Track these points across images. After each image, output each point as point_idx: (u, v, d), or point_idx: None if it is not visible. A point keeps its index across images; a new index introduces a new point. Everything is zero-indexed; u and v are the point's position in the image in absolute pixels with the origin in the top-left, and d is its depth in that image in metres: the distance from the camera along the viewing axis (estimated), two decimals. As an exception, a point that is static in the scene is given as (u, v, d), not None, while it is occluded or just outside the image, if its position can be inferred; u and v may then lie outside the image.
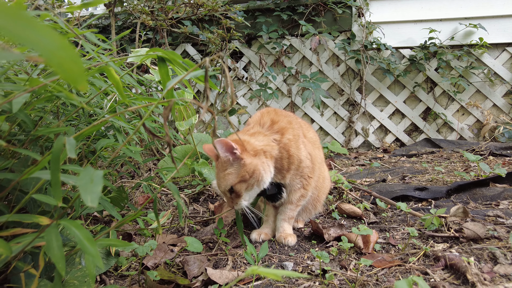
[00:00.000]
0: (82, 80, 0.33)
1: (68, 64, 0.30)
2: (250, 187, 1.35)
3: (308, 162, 1.52)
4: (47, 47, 0.28)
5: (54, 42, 0.28)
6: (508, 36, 3.61)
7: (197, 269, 1.30)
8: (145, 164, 2.80)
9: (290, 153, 1.46)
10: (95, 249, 0.63)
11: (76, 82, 0.33)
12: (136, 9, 3.14)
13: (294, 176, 1.52)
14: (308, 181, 1.55)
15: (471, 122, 3.77)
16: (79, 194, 0.71)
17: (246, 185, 1.34)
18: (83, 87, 0.35)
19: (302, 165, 1.50)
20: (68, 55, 0.30)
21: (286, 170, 1.48)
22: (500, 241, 1.31)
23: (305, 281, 1.19)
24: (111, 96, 1.40)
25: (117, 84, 0.78)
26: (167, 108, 0.58)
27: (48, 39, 0.28)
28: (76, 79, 0.32)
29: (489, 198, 1.88)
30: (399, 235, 1.55)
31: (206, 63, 0.54)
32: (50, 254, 0.58)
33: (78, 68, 0.32)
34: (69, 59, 0.30)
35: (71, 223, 0.64)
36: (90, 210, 1.25)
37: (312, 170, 1.57)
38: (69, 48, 0.30)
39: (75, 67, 0.32)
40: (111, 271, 1.37)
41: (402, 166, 2.86)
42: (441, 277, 1.12)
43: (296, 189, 1.56)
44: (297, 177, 1.53)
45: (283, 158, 1.45)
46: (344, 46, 3.73)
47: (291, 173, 1.50)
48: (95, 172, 0.56)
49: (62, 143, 0.60)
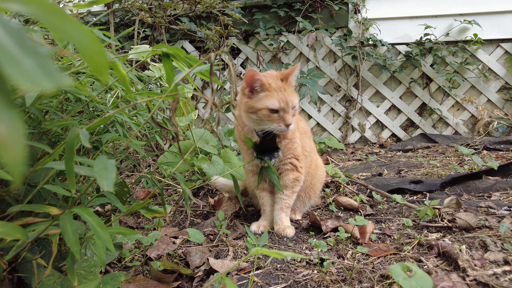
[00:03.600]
0: (106, 71, 0.37)
1: (96, 57, 0.34)
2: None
3: (299, 142, 1.65)
4: (82, 41, 0.31)
5: (87, 37, 0.32)
6: (502, 32, 3.66)
7: (199, 260, 1.34)
8: (145, 160, 2.83)
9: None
10: (106, 234, 0.66)
11: (101, 73, 0.37)
12: (134, 6, 3.16)
13: (287, 147, 1.61)
14: (300, 163, 1.65)
15: (466, 117, 3.82)
16: (89, 183, 0.75)
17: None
18: (105, 78, 0.39)
19: (294, 140, 1.62)
20: (97, 49, 0.33)
21: (283, 135, 1.58)
22: (491, 230, 1.36)
23: (303, 269, 1.23)
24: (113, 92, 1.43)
25: (124, 79, 0.82)
26: (175, 101, 0.62)
27: (82, 33, 0.31)
28: (102, 70, 0.36)
29: (482, 190, 1.93)
30: (395, 226, 1.60)
31: (211, 58, 0.58)
32: (66, 238, 0.61)
33: (104, 61, 0.35)
34: (97, 52, 0.34)
35: (84, 210, 0.68)
36: (95, 202, 1.29)
37: (302, 156, 1.68)
38: (98, 42, 0.34)
39: (102, 60, 0.35)
40: (115, 262, 1.41)
41: (398, 161, 2.91)
42: (434, 264, 1.17)
43: (287, 170, 1.63)
44: (289, 152, 1.62)
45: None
46: (341, 42, 3.77)
47: (286, 141, 1.60)
48: (108, 161, 0.60)
49: (75, 134, 0.64)
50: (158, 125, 0.67)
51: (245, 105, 1.47)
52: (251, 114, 1.46)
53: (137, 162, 2.63)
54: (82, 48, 0.32)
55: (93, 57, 0.33)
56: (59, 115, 1.16)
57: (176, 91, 0.86)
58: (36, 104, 0.95)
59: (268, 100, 1.42)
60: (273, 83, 1.45)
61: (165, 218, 1.93)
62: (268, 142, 1.54)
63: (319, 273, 1.19)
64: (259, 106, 1.43)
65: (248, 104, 1.46)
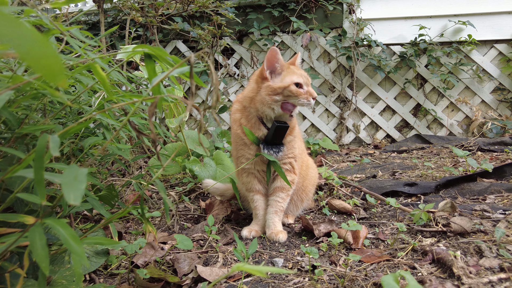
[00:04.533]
0: (61, 76, 0.33)
1: (45, 60, 0.30)
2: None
3: (298, 141, 1.67)
4: (22, 43, 0.27)
5: (30, 38, 0.28)
6: (496, 33, 3.66)
7: (187, 267, 1.30)
8: (136, 162, 2.78)
9: (294, 121, 1.65)
10: (80, 247, 0.62)
11: (55, 79, 0.32)
12: (125, 5, 3.11)
13: (290, 144, 1.61)
14: (297, 164, 1.65)
15: (460, 118, 3.82)
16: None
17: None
18: (63, 83, 0.35)
19: (296, 139, 1.64)
20: (45, 51, 0.29)
21: (289, 131, 1.58)
22: (486, 234, 1.33)
23: (295, 277, 1.20)
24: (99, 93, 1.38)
25: (103, 80, 0.77)
26: (152, 105, 0.58)
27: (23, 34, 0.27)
28: (55, 75, 0.32)
29: (477, 192, 1.91)
30: (389, 230, 1.56)
31: (191, 59, 0.54)
32: (34, 253, 0.57)
33: (56, 65, 0.31)
34: (46, 55, 0.29)
35: (56, 221, 0.63)
36: (79, 208, 1.24)
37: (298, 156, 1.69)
38: (46, 44, 0.30)
39: (54, 64, 0.31)
40: (101, 269, 1.36)
41: (392, 162, 2.89)
42: (428, 271, 1.14)
43: (286, 171, 1.61)
44: (290, 151, 1.61)
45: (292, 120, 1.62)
46: (335, 42, 3.74)
47: (290, 137, 1.61)
48: (80, 170, 0.56)
49: (46, 141, 0.60)
50: (135, 130, 0.63)
51: (267, 89, 1.49)
52: (276, 96, 1.48)
53: (127, 165, 2.58)
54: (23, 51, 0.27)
55: (41, 61, 0.29)
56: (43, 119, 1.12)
57: (159, 93, 0.81)
58: (12, 107, 0.90)
59: (292, 76, 1.49)
60: (286, 64, 1.54)
61: (155, 222, 1.88)
62: (279, 134, 1.54)
63: (311, 281, 1.15)
64: (285, 84, 1.47)
65: (271, 86, 1.49)
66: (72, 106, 1.09)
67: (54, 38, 1.14)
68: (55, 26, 0.73)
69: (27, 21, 0.90)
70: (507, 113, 3.71)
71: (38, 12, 0.73)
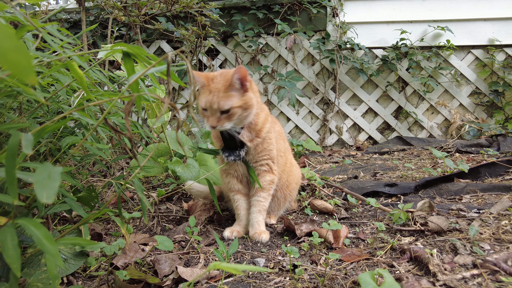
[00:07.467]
0: (30, 72, 0.32)
1: (13, 55, 0.29)
2: (240, 115, 1.47)
3: (275, 145, 1.66)
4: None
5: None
6: (472, 39, 3.78)
7: (168, 268, 1.29)
8: (118, 163, 2.74)
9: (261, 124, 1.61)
10: (54, 247, 0.61)
11: (24, 75, 0.32)
12: (108, 4, 3.06)
13: (261, 147, 1.60)
14: (275, 166, 1.67)
15: (440, 120, 3.92)
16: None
17: (240, 112, 1.45)
18: (31, 79, 0.34)
19: (269, 141, 1.62)
20: (12, 45, 0.29)
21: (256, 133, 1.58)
22: (461, 233, 1.37)
23: (276, 277, 1.20)
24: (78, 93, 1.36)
25: (81, 79, 0.76)
26: (129, 102, 0.57)
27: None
28: (23, 71, 0.31)
29: (454, 192, 1.96)
30: (369, 229, 1.59)
31: (168, 58, 0.54)
32: (5, 254, 0.56)
33: (24, 60, 0.31)
34: (13, 49, 0.29)
35: (29, 221, 0.62)
36: (57, 209, 1.21)
37: (278, 158, 1.70)
38: (13, 38, 0.29)
39: (22, 59, 0.30)
40: (79, 272, 1.33)
41: (374, 163, 2.94)
42: (405, 269, 1.16)
43: (264, 171, 1.64)
44: (265, 153, 1.61)
45: (257, 123, 1.58)
46: (319, 45, 3.78)
47: (258, 140, 1.59)
48: (54, 168, 0.55)
49: (18, 139, 0.58)
50: (112, 129, 0.62)
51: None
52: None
53: (108, 166, 2.54)
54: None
55: (8, 55, 0.29)
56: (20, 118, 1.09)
57: (137, 91, 0.81)
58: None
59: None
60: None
61: (136, 224, 1.86)
62: (230, 140, 1.56)
63: (291, 280, 1.16)
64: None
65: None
66: (49, 105, 1.06)
67: (32, 36, 1.11)
68: (30, 22, 0.72)
69: (2, 17, 0.88)
70: (483, 116, 3.83)
71: (12, 8, 0.72)
